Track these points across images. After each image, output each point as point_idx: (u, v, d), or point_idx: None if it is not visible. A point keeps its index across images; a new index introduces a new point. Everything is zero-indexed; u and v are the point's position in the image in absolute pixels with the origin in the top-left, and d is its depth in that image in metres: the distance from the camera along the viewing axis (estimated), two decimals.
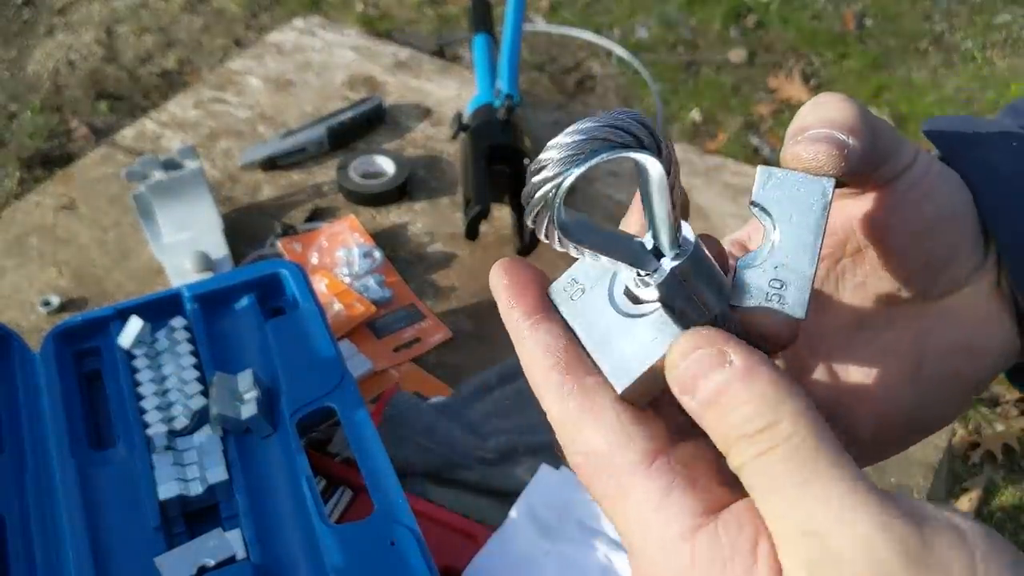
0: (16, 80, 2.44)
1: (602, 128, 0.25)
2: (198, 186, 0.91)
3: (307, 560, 0.60)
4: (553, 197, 0.25)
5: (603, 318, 0.30)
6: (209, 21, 2.65)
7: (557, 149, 0.25)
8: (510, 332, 0.32)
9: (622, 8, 2.67)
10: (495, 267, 0.32)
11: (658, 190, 0.27)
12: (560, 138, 0.25)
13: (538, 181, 0.25)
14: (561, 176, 0.25)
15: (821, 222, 0.31)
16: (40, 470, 0.65)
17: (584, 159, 0.25)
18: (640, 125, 0.25)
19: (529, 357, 0.31)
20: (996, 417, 1.71)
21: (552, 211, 0.26)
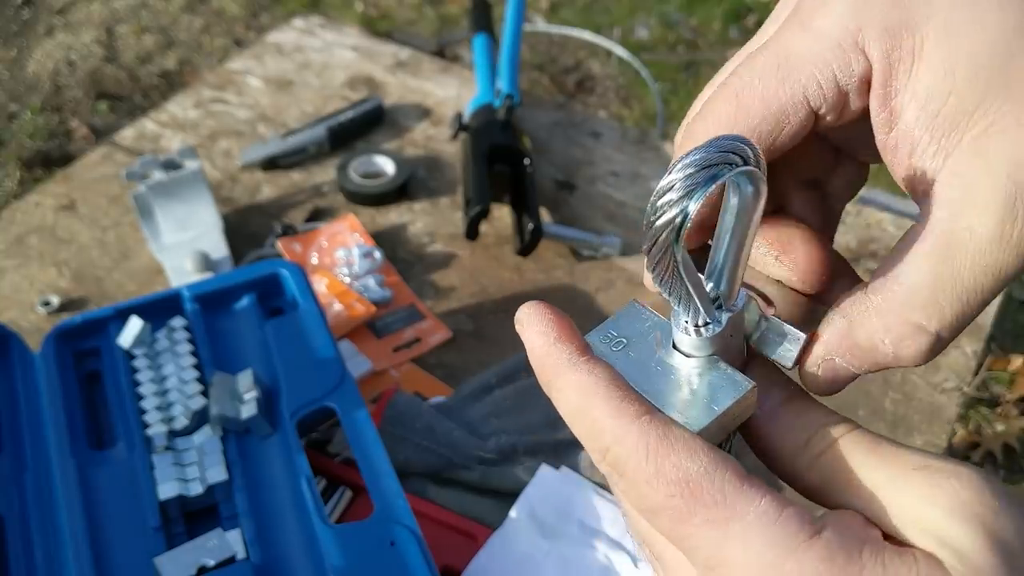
0: (16, 80, 2.44)
1: (713, 154, 0.25)
2: (198, 186, 0.91)
3: (307, 560, 0.60)
4: (679, 228, 0.26)
5: (653, 370, 0.31)
6: (209, 21, 2.65)
7: (682, 170, 0.25)
8: (551, 371, 0.30)
9: (622, 8, 2.67)
10: (527, 307, 0.31)
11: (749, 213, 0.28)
12: (674, 174, 0.25)
13: (665, 204, 0.25)
14: (684, 207, 0.25)
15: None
16: (40, 470, 0.65)
17: (703, 186, 0.25)
18: (747, 147, 0.26)
19: (586, 394, 0.29)
20: (996, 417, 1.71)
21: (676, 245, 0.26)
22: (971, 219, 0.27)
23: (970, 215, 0.27)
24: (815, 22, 0.29)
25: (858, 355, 0.29)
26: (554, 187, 1.01)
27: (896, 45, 0.28)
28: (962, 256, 0.27)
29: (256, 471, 0.65)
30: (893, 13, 0.28)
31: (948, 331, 0.28)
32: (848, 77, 0.29)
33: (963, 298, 0.27)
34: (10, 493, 0.64)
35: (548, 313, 0.31)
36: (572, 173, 1.03)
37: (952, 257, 0.27)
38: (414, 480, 0.70)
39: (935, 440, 0.79)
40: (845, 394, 0.80)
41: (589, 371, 0.29)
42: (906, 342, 0.28)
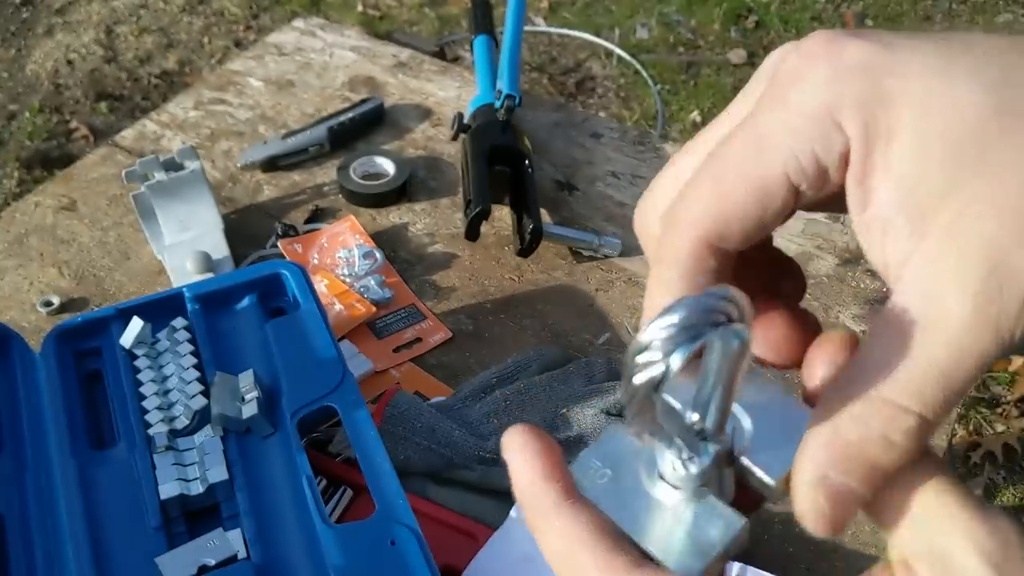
0: (15, 80, 2.44)
1: (696, 314, 0.25)
2: (199, 187, 0.91)
3: (307, 559, 0.60)
4: (657, 385, 0.25)
5: (640, 505, 0.29)
6: (209, 22, 2.66)
7: (662, 329, 0.25)
8: (535, 514, 0.29)
9: (622, 9, 2.68)
10: (516, 432, 0.30)
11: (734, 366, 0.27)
12: (653, 331, 0.25)
13: (642, 363, 0.25)
14: (663, 368, 0.25)
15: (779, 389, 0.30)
16: (40, 470, 0.65)
17: (683, 346, 0.25)
18: (732, 304, 0.25)
19: (573, 541, 0.28)
20: (996, 417, 1.71)
21: (655, 396, 0.26)
22: (947, 302, 0.26)
23: (946, 298, 0.26)
24: (791, 97, 0.29)
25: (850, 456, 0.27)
26: (554, 188, 1.01)
27: (872, 120, 0.28)
28: (939, 339, 0.26)
29: (257, 471, 0.65)
30: (867, 86, 0.28)
31: (932, 414, 0.26)
32: (827, 153, 0.28)
33: (942, 382, 0.26)
34: (10, 493, 0.64)
35: (534, 442, 0.29)
36: (572, 174, 1.03)
37: (928, 342, 0.26)
38: (414, 480, 0.70)
39: (935, 440, 0.79)
40: None
41: (575, 517, 0.28)
42: (892, 425, 0.26)
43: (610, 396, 0.74)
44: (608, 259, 0.93)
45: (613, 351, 0.84)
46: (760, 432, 0.29)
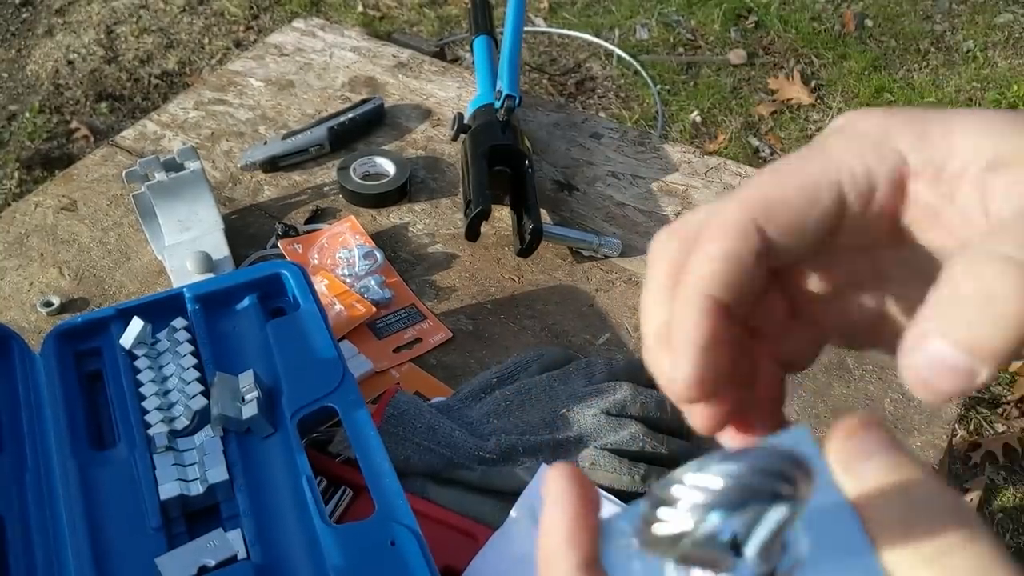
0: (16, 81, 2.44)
1: (755, 474, 0.21)
2: (199, 187, 0.91)
3: (308, 560, 0.60)
4: (678, 542, 0.22)
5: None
6: (209, 22, 2.66)
7: (698, 491, 0.21)
8: (550, 568, 0.27)
9: (622, 9, 2.68)
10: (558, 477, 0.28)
11: (778, 527, 0.23)
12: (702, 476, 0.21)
13: (665, 518, 0.22)
14: (698, 526, 0.22)
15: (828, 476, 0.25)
16: (41, 470, 0.65)
17: (729, 510, 0.21)
18: (799, 470, 0.22)
19: None
20: (997, 418, 1.71)
21: (674, 553, 0.23)
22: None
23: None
24: (847, 129, 0.31)
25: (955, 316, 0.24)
26: (554, 188, 1.01)
27: (924, 133, 0.29)
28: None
29: (257, 471, 0.65)
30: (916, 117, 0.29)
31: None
32: (880, 166, 0.29)
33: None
34: (11, 493, 0.64)
35: (574, 493, 0.28)
36: (572, 174, 1.03)
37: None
38: (414, 480, 0.70)
39: (935, 441, 0.79)
40: (845, 397, 0.81)
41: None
42: (999, 280, 0.23)
43: (610, 396, 0.74)
44: (608, 259, 0.93)
45: (613, 351, 0.84)
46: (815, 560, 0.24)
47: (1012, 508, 1.60)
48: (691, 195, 1.00)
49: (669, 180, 1.02)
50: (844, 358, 0.84)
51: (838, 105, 2.36)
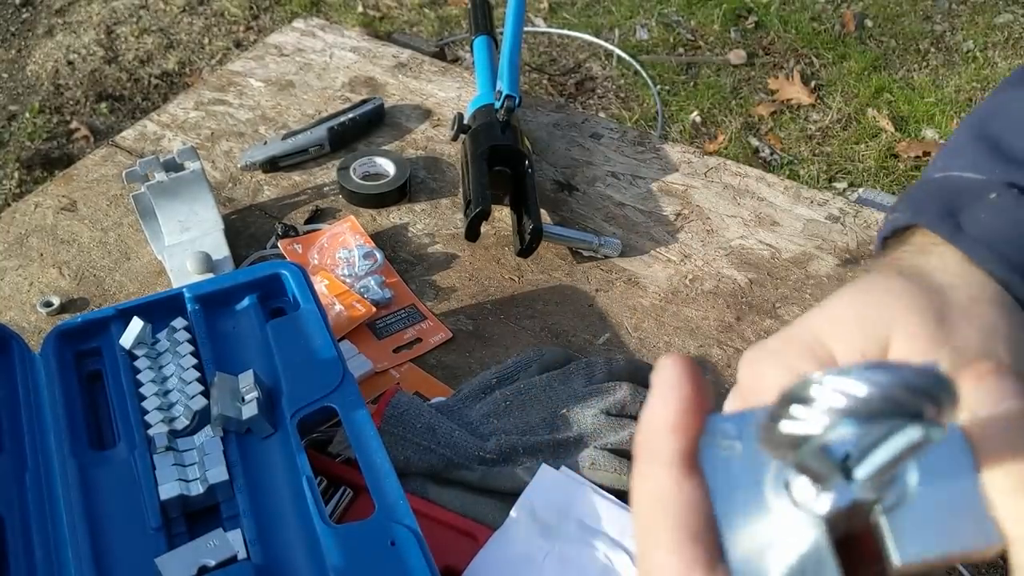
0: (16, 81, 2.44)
1: (901, 388, 0.20)
2: (199, 187, 0.91)
3: (308, 560, 0.60)
4: (803, 444, 0.21)
5: (749, 497, 0.25)
6: (209, 22, 2.66)
7: (839, 396, 0.20)
8: (648, 455, 0.27)
9: (622, 9, 2.68)
10: (671, 366, 0.27)
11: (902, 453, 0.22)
12: (841, 380, 0.20)
13: (798, 417, 0.21)
14: (829, 430, 0.21)
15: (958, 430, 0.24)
16: (41, 470, 0.65)
17: (864, 421, 0.20)
18: (946, 393, 0.21)
19: (665, 507, 0.26)
20: None
21: (797, 456, 0.22)
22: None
23: None
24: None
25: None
26: (554, 188, 1.01)
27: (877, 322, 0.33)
28: None
29: (257, 471, 0.65)
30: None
31: None
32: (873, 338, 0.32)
33: None
34: (11, 493, 0.64)
35: (685, 384, 0.27)
36: (572, 174, 1.03)
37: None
38: (415, 480, 0.70)
39: None
40: None
41: (678, 483, 0.26)
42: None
43: (610, 396, 0.74)
44: (608, 259, 0.93)
45: (613, 351, 0.84)
46: (923, 499, 0.24)
47: None
48: (691, 195, 1.00)
49: (669, 180, 1.02)
50: None
51: (838, 105, 2.36)
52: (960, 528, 0.23)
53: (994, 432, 0.24)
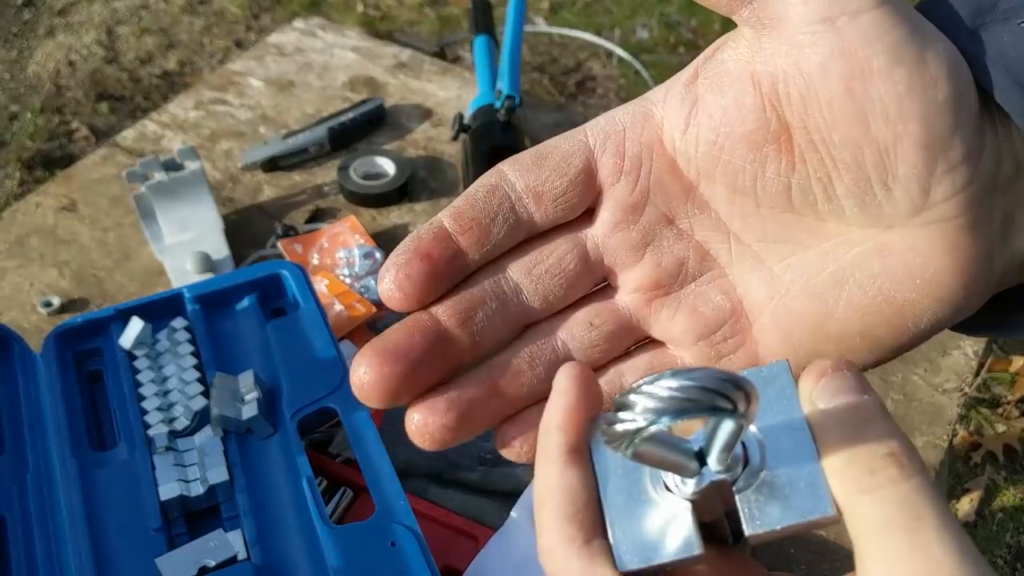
0: (16, 81, 2.44)
1: (698, 390, 0.24)
2: (199, 187, 0.91)
3: (308, 560, 0.60)
4: (630, 439, 0.25)
5: (630, 485, 0.30)
6: (210, 22, 2.66)
7: (648, 397, 0.25)
8: (541, 448, 0.30)
9: (623, 9, 2.68)
10: (565, 374, 0.30)
11: (727, 436, 0.27)
12: (655, 387, 0.25)
13: (622, 419, 0.25)
14: (645, 423, 0.25)
15: (797, 405, 0.29)
16: (41, 470, 0.65)
17: (672, 415, 0.24)
18: (738, 389, 0.25)
19: (549, 493, 0.29)
20: (997, 418, 1.71)
21: (624, 447, 0.26)
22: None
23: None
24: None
25: None
26: None
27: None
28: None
29: (257, 471, 0.65)
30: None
31: None
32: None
33: None
34: (11, 493, 0.64)
35: (575, 390, 0.30)
36: None
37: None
38: (415, 480, 0.70)
39: (936, 441, 0.79)
40: None
41: (560, 472, 0.29)
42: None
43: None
44: None
45: None
46: (771, 480, 0.28)
47: (1012, 508, 1.60)
48: None
49: None
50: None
51: None
52: (801, 503, 0.27)
53: (830, 422, 0.28)
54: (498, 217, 0.33)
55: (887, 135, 0.29)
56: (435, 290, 0.32)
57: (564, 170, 0.33)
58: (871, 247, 0.31)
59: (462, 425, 0.31)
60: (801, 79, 0.30)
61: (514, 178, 0.34)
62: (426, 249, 0.32)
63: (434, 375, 0.32)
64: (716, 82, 0.32)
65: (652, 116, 0.34)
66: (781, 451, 0.28)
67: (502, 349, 0.33)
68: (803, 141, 0.31)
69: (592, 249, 0.34)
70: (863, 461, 0.27)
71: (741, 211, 0.33)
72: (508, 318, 0.33)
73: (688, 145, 0.32)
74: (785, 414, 0.29)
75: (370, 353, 0.31)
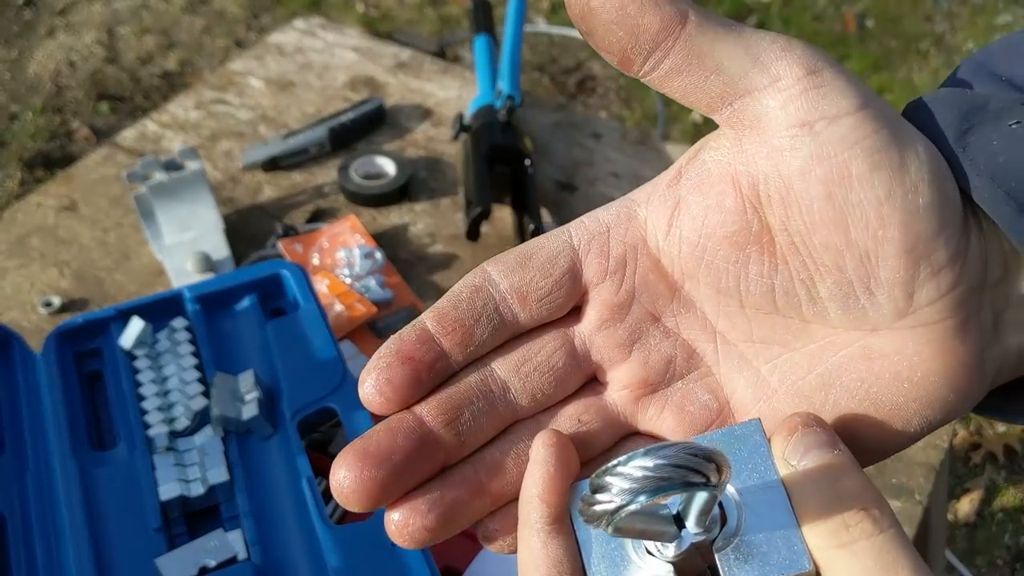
0: (17, 81, 2.44)
1: (671, 468, 0.25)
2: (199, 187, 0.91)
3: (308, 561, 0.60)
4: (609, 519, 0.26)
5: (613, 551, 0.30)
6: (210, 22, 2.66)
7: (624, 478, 0.25)
8: (523, 520, 0.31)
9: None
10: (542, 443, 0.31)
11: (702, 504, 0.28)
12: (630, 467, 0.25)
13: (600, 500, 0.26)
14: (622, 503, 0.25)
15: (771, 463, 0.30)
16: (41, 470, 0.65)
17: (648, 494, 0.25)
18: (710, 463, 0.26)
19: (535, 565, 0.30)
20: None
21: (607, 527, 0.26)
22: None
23: None
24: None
25: None
26: (555, 188, 1.01)
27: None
28: None
29: (257, 472, 0.65)
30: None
31: None
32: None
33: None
34: (11, 493, 0.64)
35: (554, 458, 0.31)
36: (573, 174, 1.03)
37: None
38: None
39: (936, 440, 0.79)
40: None
41: (544, 544, 0.30)
42: None
43: None
44: None
45: None
46: (749, 538, 0.29)
47: (1012, 508, 1.60)
48: None
49: None
50: None
51: None
52: (779, 559, 0.28)
53: (803, 479, 0.29)
54: (482, 318, 0.32)
55: (867, 240, 0.29)
56: (417, 393, 0.32)
57: (549, 271, 0.33)
58: (857, 350, 0.31)
59: (443, 526, 0.31)
60: (781, 182, 0.30)
61: (498, 278, 0.33)
62: (408, 352, 0.32)
63: (417, 477, 0.31)
64: (698, 183, 0.32)
65: (636, 216, 0.34)
66: (757, 510, 0.29)
67: (487, 444, 0.33)
68: (784, 243, 0.31)
69: (580, 346, 0.33)
70: (838, 516, 0.27)
71: (726, 311, 0.33)
72: (495, 417, 0.32)
73: (671, 246, 0.32)
74: (759, 472, 0.30)
75: (351, 455, 0.30)
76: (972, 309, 0.30)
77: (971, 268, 0.30)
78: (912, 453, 0.77)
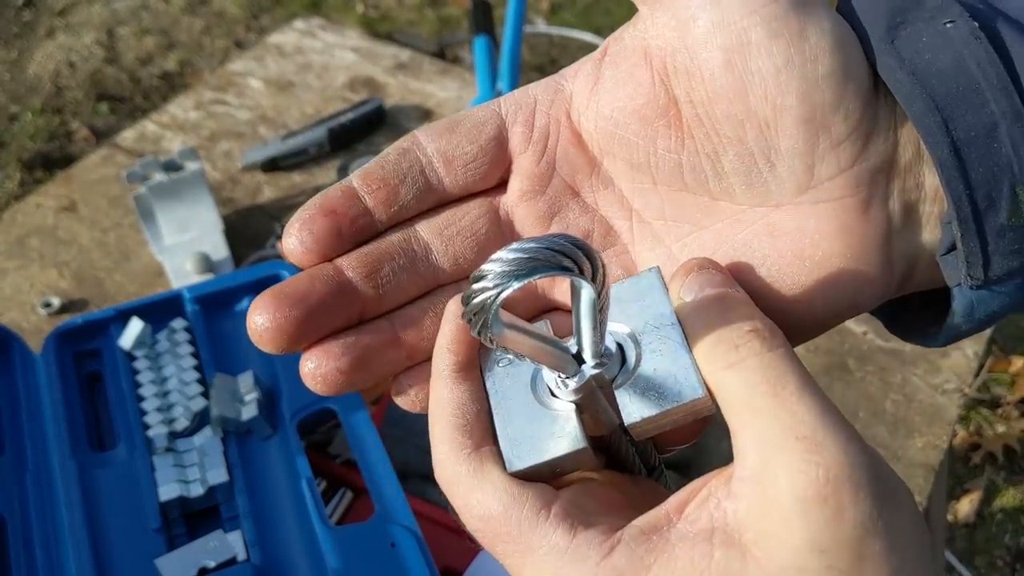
0: (17, 82, 2.44)
1: (543, 250, 0.25)
2: (199, 187, 0.91)
3: (307, 561, 0.60)
4: (489, 307, 0.26)
5: (519, 396, 0.31)
6: (210, 23, 2.66)
7: (499, 263, 0.26)
8: (433, 371, 0.31)
9: (622, 10, 2.68)
10: (452, 302, 0.32)
11: (588, 312, 0.28)
12: (503, 253, 0.26)
13: (477, 289, 0.26)
14: (498, 289, 0.26)
15: (668, 304, 0.30)
16: (41, 471, 0.65)
17: (522, 276, 0.25)
18: (580, 251, 0.26)
19: (441, 408, 0.31)
20: (997, 418, 1.71)
21: (488, 318, 0.26)
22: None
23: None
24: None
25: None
26: None
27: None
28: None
29: (257, 472, 0.65)
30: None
31: None
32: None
33: None
34: (11, 494, 0.64)
35: (458, 318, 0.31)
36: None
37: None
38: (415, 481, 0.70)
39: (935, 441, 0.79)
40: (845, 397, 0.81)
41: (450, 389, 0.31)
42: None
43: None
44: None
45: None
46: (645, 373, 0.30)
47: (1012, 508, 1.60)
48: None
49: None
50: (845, 360, 0.84)
51: None
52: (674, 389, 0.29)
53: (697, 311, 0.29)
54: (407, 179, 0.33)
55: (767, 109, 0.29)
56: (338, 247, 0.32)
57: (475, 137, 0.33)
58: (762, 227, 0.31)
59: (357, 370, 0.31)
60: (686, 52, 0.30)
61: (426, 142, 0.33)
62: (331, 206, 0.32)
63: (333, 323, 0.31)
64: (615, 59, 0.32)
65: (562, 90, 0.34)
66: (655, 346, 0.30)
67: (408, 304, 0.33)
68: (690, 115, 0.31)
69: (504, 215, 0.34)
70: (727, 340, 0.28)
71: (641, 188, 0.33)
72: (416, 276, 0.33)
73: (588, 120, 0.33)
74: (657, 313, 0.30)
75: (268, 298, 0.31)
76: (877, 191, 0.30)
77: (876, 147, 0.29)
78: (911, 453, 0.78)
